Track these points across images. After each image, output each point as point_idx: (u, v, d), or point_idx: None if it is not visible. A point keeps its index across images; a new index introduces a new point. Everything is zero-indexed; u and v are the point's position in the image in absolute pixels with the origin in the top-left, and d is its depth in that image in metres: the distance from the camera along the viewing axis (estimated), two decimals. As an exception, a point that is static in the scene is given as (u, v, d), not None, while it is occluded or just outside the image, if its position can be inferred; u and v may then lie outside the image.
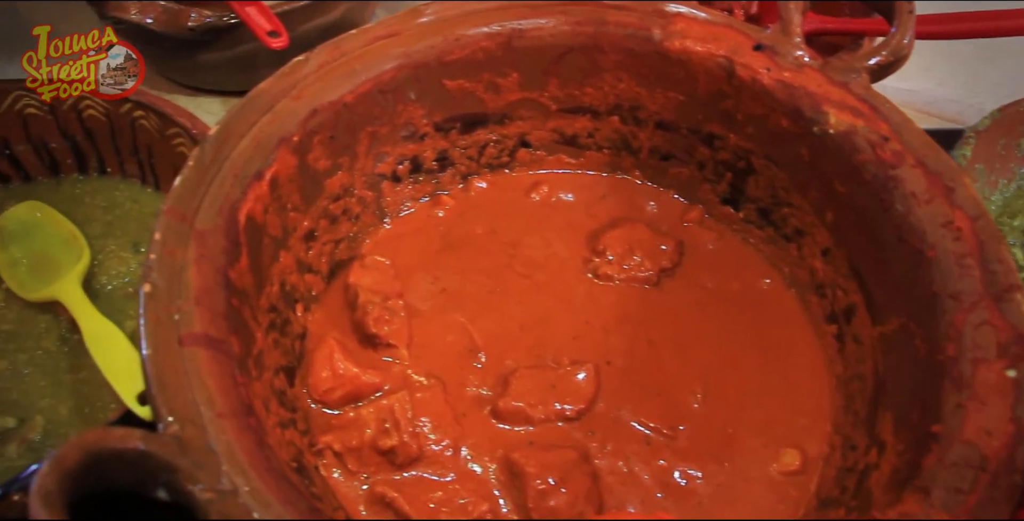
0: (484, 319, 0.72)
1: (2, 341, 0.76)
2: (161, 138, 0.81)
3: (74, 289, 0.74)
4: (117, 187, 0.87)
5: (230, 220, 0.62)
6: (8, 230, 0.82)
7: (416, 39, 0.73)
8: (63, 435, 0.69)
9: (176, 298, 0.56)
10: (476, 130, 0.79)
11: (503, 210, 0.80)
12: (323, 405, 0.67)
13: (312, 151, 0.69)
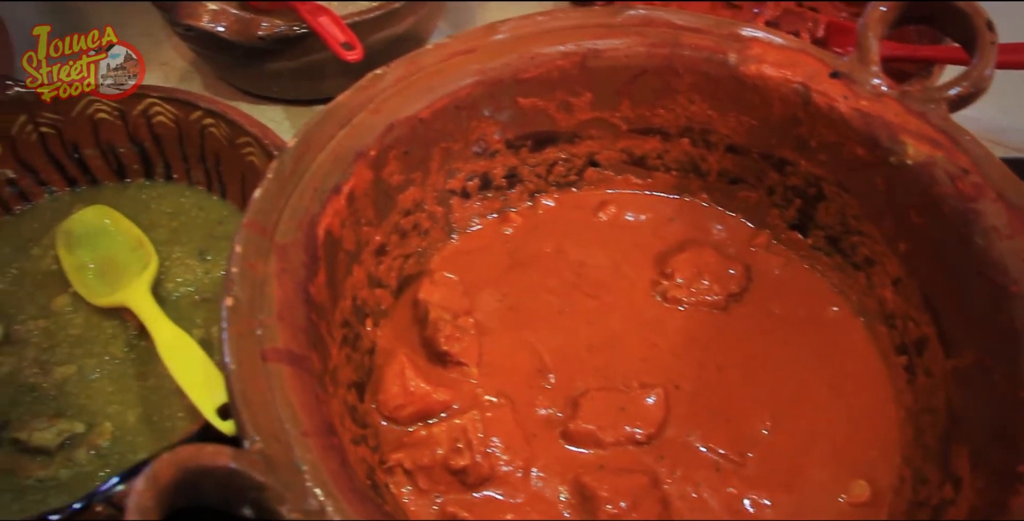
0: (553, 339, 0.72)
1: (70, 346, 0.76)
2: (230, 146, 0.81)
3: (144, 296, 0.74)
4: (183, 193, 0.87)
5: (309, 234, 0.62)
6: (75, 234, 0.82)
7: (492, 56, 0.73)
8: (131, 442, 0.70)
9: (258, 312, 0.56)
10: (546, 148, 0.79)
11: (570, 229, 0.79)
12: (393, 422, 0.67)
13: (387, 166, 0.69)
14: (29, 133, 0.86)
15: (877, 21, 0.70)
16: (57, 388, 0.73)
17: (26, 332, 0.77)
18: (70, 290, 0.80)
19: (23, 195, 0.88)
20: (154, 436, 0.70)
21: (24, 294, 0.81)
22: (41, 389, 0.73)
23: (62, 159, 0.87)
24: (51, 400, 0.73)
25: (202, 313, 0.77)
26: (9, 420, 0.72)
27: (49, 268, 0.82)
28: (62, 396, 0.73)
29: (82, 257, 0.81)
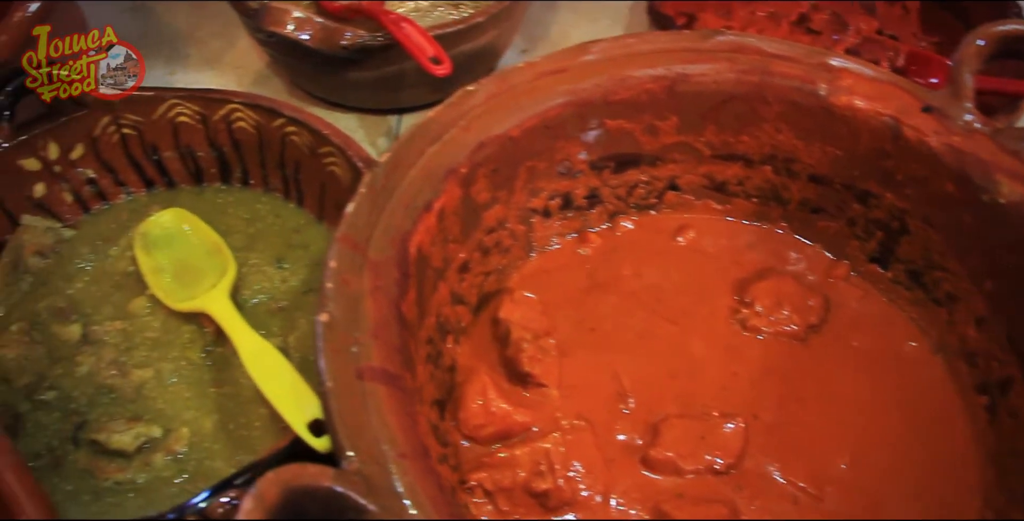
0: (632, 363, 0.72)
1: (148, 349, 0.76)
2: (311, 155, 0.81)
3: (224, 303, 0.74)
4: (259, 199, 0.87)
5: (402, 251, 0.62)
6: (153, 236, 0.82)
7: (583, 77, 0.73)
8: (208, 449, 0.70)
9: (353, 330, 0.57)
10: (628, 170, 0.79)
11: (649, 252, 0.79)
12: (473, 441, 0.67)
13: (476, 183, 0.69)
14: (111, 134, 0.86)
15: (973, 56, 0.70)
16: (135, 391, 0.73)
17: (104, 333, 0.77)
18: (147, 292, 0.80)
19: (101, 195, 0.88)
20: (231, 444, 0.70)
21: (101, 294, 0.81)
22: (119, 391, 0.73)
23: (141, 160, 0.88)
24: (129, 403, 0.73)
25: (278, 322, 0.77)
26: (87, 420, 0.72)
27: (126, 269, 0.82)
28: (140, 399, 0.73)
29: (159, 260, 0.81)
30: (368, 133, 0.98)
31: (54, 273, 0.83)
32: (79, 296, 0.81)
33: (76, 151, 0.86)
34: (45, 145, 0.85)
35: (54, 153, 0.85)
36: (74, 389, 0.74)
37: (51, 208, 0.87)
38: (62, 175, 0.86)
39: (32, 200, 0.86)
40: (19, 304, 0.81)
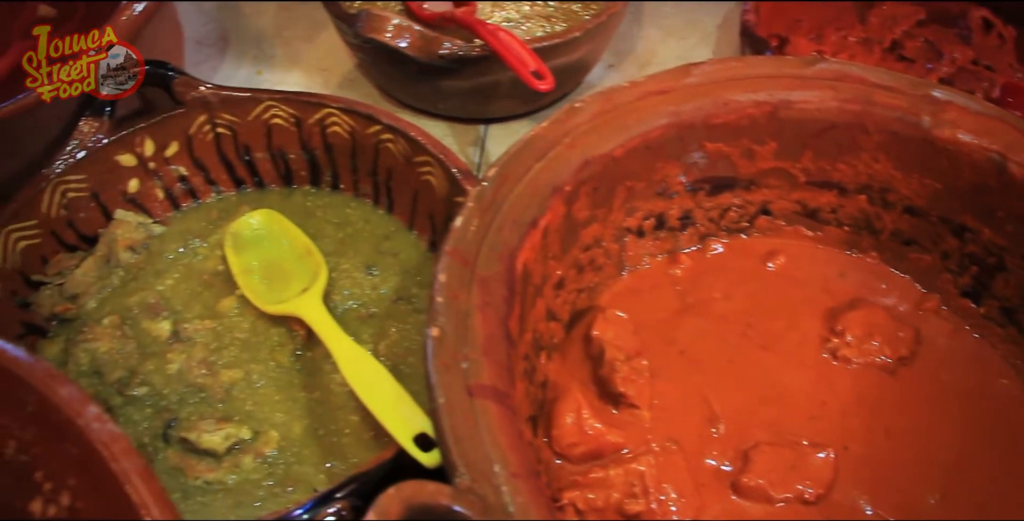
0: (722, 388, 0.72)
1: (237, 350, 0.77)
2: (406, 164, 0.82)
3: (319, 309, 0.74)
4: (348, 204, 0.87)
5: (509, 268, 0.62)
6: (243, 236, 0.83)
7: (686, 99, 0.73)
8: (297, 454, 0.70)
9: (462, 345, 0.57)
10: (723, 193, 0.79)
11: (740, 276, 0.79)
12: (564, 459, 0.67)
13: (578, 201, 0.70)
14: (206, 133, 0.87)
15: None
16: (224, 391, 0.74)
17: (194, 331, 0.78)
18: (237, 293, 0.80)
19: (192, 193, 0.89)
20: (320, 450, 0.70)
21: (191, 292, 0.81)
22: (209, 390, 0.74)
23: (233, 160, 0.88)
24: (218, 403, 0.74)
25: (369, 329, 0.77)
26: (177, 418, 0.72)
27: (215, 268, 0.82)
28: (229, 400, 0.74)
29: (248, 260, 0.82)
30: (456, 142, 0.98)
31: (144, 269, 0.83)
32: (169, 293, 0.81)
33: (171, 148, 0.87)
34: (142, 141, 0.85)
35: (150, 150, 0.86)
36: (165, 386, 0.74)
37: (143, 204, 0.87)
38: (156, 171, 0.87)
39: (126, 195, 0.87)
40: (110, 298, 0.82)
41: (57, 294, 0.81)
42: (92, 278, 0.81)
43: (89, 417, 0.48)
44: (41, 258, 0.82)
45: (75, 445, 0.48)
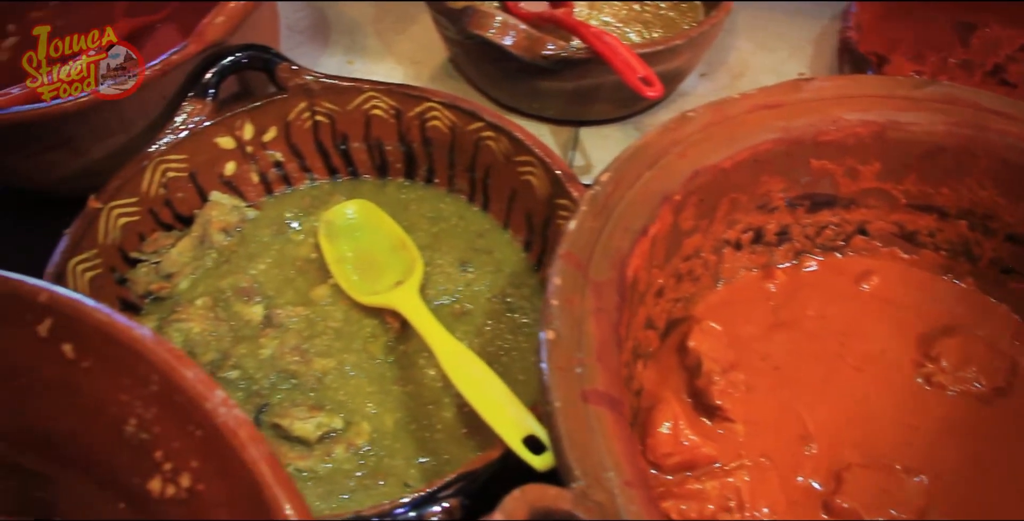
0: (815, 406, 0.72)
1: (330, 339, 0.77)
2: (506, 162, 0.82)
3: (416, 303, 0.74)
4: (443, 199, 0.87)
5: (620, 274, 0.62)
6: (337, 225, 0.83)
7: (796, 115, 0.73)
8: (388, 447, 0.70)
9: (576, 350, 0.57)
10: (822, 211, 0.79)
11: (833, 295, 0.79)
12: (657, 468, 0.66)
13: (685, 211, 0.69)
14: (305, 120, 0.87)
15: None
16: (316, 380, 0.74)
17: (286, 317, 0.78)
18: (330, 281, 0.80)
19: (286, 178, 0.89)
20: (412, 444, 0.70)
21: (284, 278, 0.82)
22: (301, 378, 0.74)
23: (329, 149, 0.89)
24: (310, 391, 0.74)
25: (462, 326, 0.77)
26: (269, 404, 0.73)
27: (308, 256, 0.82)
28: (321, 388, 0.74)
29: (342, 249, 0.82)
30: (548, 143, 0.97)
31: (236, 252, 0.84)
32: (262, 278, 0.82)
33: (269, 133, 0.88)
34: (242, 125, 0.86)
35: (249, 133, 0.87)
36: (257, 371, 0.75)
37: (238, 187, 0.88)
38: (252, 156, 0.88)
39: (222, 177, 0.87)
40: (203, 279, 0.82)
41: (153, 272, 0.81)
42: (187, 258, 0.81)
43: (216, 401, 0.48)
44: (139, 235, 0.82)
45: (199, 428, 0.48)
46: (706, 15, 1.04)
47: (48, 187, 0.90)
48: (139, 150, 0.83)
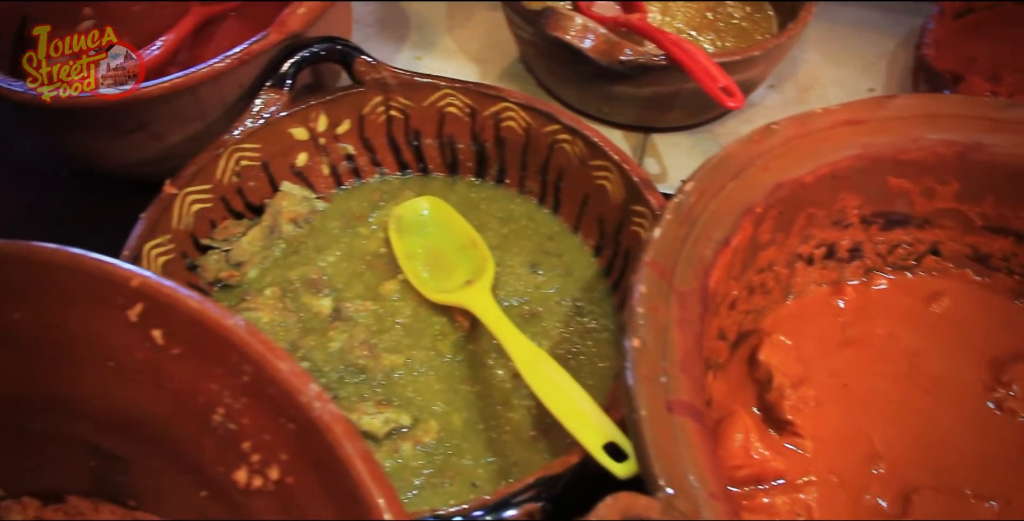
0: (884, 426, 0.71)
1: (399, 335, 0.77)
2: (580, 166, 0.82)
3: (490, 303, 0.74)
4: (513, 200, 0.87)
5: (703, 284, 0.62)
6: (407, 221, 0.83)
7: (878, 132, 0.73)
8: (456, 446, 0.70)
9: (660, 359, 0.57)
10: (895, 229, 0.78)
11: (903, 315, 0.78)
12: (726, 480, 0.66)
13: (764, 224, 0.69)
14: (379, 114, 0.87)
15: None
16: (385, 375, 0.74)
17: (355, 311, 0.78)
18: (399, 277, 0.80)
19: (356, 172, 0.90)
20: (480, 444, 0.70)
21: (352, 272, 0.82)
22: (369, 373, 0.74)
23: (401, 144, 0.89)
24: (378, 386, 0.74)
25: (531, 328, 0.77)
26: (337, 397, 0.73)
27: (377, 250, 0.83)
28: (389, 384, 0.74)
29: (412, 245, 0.82)
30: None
31: (305, 243, 0.84)
32: (330, 270, 0.82)
33: (343, 126, 0.88)
34: (316, 117, 0.86)
35: (322, 125, 0.87)
36: (325, 364, 0.75)
37: (308, 178, 0.88)
38: (325, 148, 0.88)
39: (293, 168, 0.87)
40: (271, 269, 0.82)
41: (223, 260, 0.81)
42: (257, 247, 0.82)
43: (311, 395, 0.48)
44: (210, 222, 0.83)
45: (292, 421, 0.49)
46: (778, 26, 1.04)
47: (123, 170, 0.90)
48: (213, 137, 0.83)
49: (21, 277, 0.55)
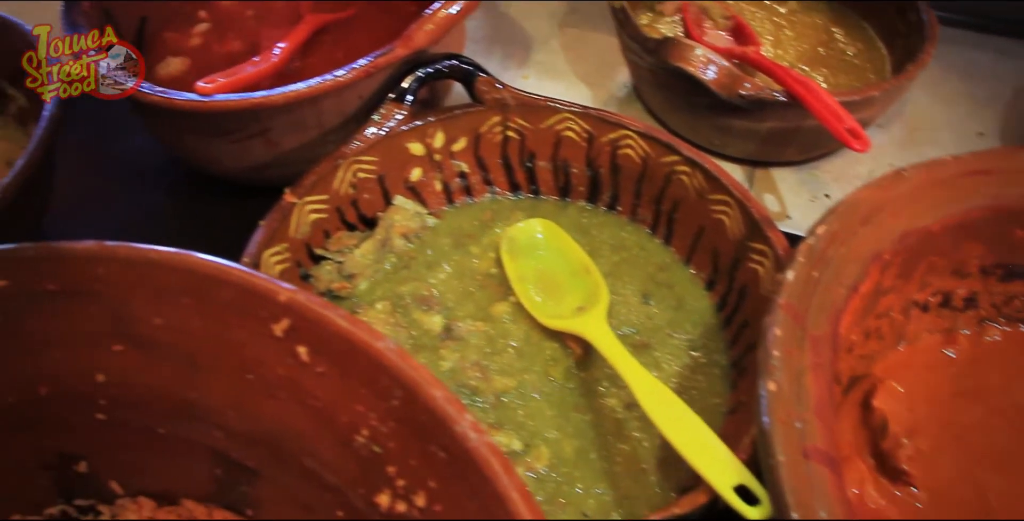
0: (998, 481, 0.71)
1: (511, 357, 0.77)
2: (698, 198, 0.81)
3: (607, 333, 0.74)
4: (624, 228, 0.87)
5: (835, 330, 0.62)
6: (519, 242, 0.83)
7: (1009, 184, 0.73)
8: (568, 474, 0.70)
9: (795, 404, 0.56)
10: (1014, 281, 0.78)
11: (1018, 369, 0.78)
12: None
13: (889, 270, 0.69)
14: (496, 134, 0.88)
15: None
16: (496, 398, 0.74)
17: (466, 331, 0.78)
18: (511, 299, 0.81)
19: (467, 190, 0.90)
20: (591, 473, 0.70)
21: (463, 291, 0.82)
22: (481, 395, 0.74)
23: (515, 164, 0.89)
24: (490, 409, 0.74)
25: (640, 358, 0.76)
26: (448, 418, 0.72)
27: (488, 271, 0.83)
28: (500, 407, 0.74)
29: (524, 268, 0.82)
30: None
31: (416, 259, 0.84)
32: (441, 287, 0.82)
33: (459, 143, 0.88)
34: (434, 133, 0.87)
35: (439, 142, 0.87)
36: (437, 382, 0.75)
37: (421, 193, 0.89)
38: (439, 164, 0.88)
39: (407, 183, 0.88)
40: (381, 282, 0.83)
41: (335, 271, 0.82)
42: (369, 260, 0.82)
43: (466, 425, 0.48)
44: (324, 232, 0.83)
45: (443, 450, 0.49)
46: (891, 65, 1.03)
47: (232, 173, 0.91)
48: (327, 145, 0.85)
49: (165, 283, 0.56)
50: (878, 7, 1.07)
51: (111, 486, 0.64)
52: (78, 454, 0.63)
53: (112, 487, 0.64)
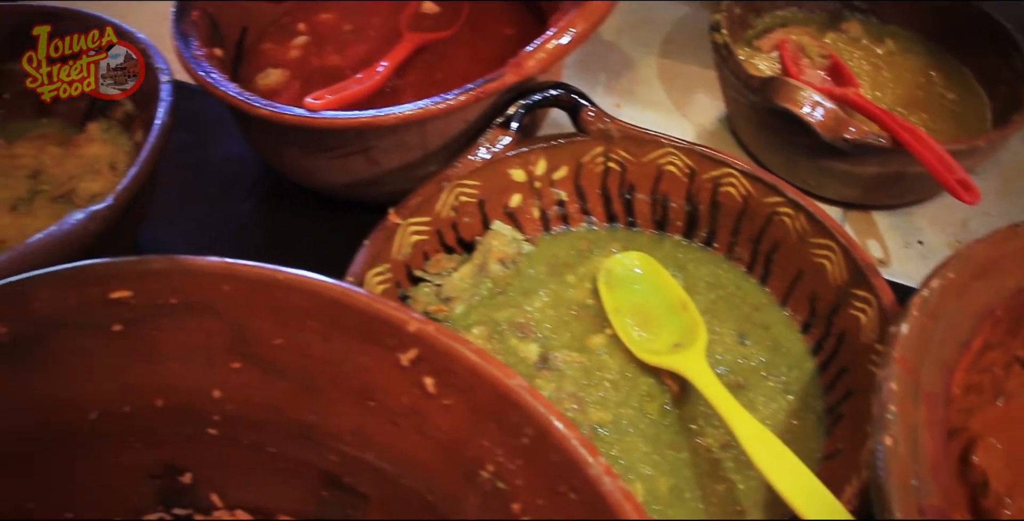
0: (1096, 544, 0.69)
1: (606, 390, 0.77)
2: (799, 242, 0.81)
3: (707, 372, 0.74)
4: (720, 265, 0.87)
5: (947, 387, 0.62)
6: (616, 274, 0.83)
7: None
8: (660, 512, 0.70)
9: (911, 461, 0.56)
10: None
11: (1117, 429, 0.76)
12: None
13: (999, 326, 0.68)
14: (598, 164, 0.88)
15: None
16: (591, 430, 0.74)
17: (563, 362, 0.78)
18: (607, 331, 0.81)
19: (564, 218, 0.90)
20: (685, 512, 0.70)
21: (559, 321, 0.82)
22: (577, 426, 0.73)
23: (613, 195, 0.89)
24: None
25: (737, 400, 0.76)
26: (544, 448, 0.72)
27: (584, 301, 0.83)
28: (596, 440, 0.74)
29: (620, 300, 0.82)
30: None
31: (512, 285, 0.85)
32: (537, 315, 0.83)
33: (560, 172, 0.89)
34: (536, 160, 0.87)
35: (541, 169, 0.88)
36: (533, 412, 0.75)
37: (518, 219, 0.89)
38: (539, 191, 0.89)
39: (506, 208, 0.88)
40: (477, 307, 0.83)
41: (433, 294, 0.82)
42: (467, 284, 0.83)
43: (599, 468, 0.48)
44: (424, 254, 0.84)
45: (574, 491, 0.49)
46: (992, 112, 1.03)
47: (332, 188, 0.92)
48: (428, 166, 0.86)
49: (289, 305, 0.56)
50: (979, 51, 1.06)
51: (211, 498, 0.64)
52: (185, 466, 0.63)
53: (212, 499, 0.64)
